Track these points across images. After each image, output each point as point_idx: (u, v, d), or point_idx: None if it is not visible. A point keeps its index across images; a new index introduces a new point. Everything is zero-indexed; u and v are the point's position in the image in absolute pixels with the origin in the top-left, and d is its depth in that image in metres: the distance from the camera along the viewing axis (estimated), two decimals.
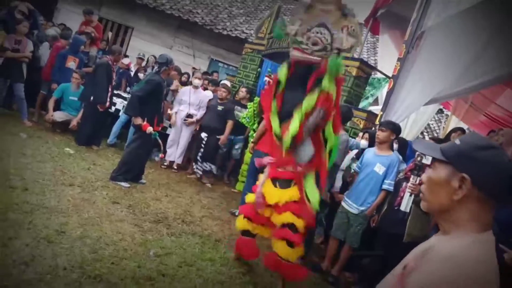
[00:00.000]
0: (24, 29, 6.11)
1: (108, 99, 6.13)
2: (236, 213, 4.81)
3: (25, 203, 3.41)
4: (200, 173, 6.13)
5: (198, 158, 6.11)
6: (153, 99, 4.94)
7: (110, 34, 10.67)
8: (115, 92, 6.67)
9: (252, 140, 5.10)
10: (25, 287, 2.27)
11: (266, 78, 6.09)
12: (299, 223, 2.97)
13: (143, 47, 9.94)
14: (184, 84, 7.14)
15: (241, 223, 3.43)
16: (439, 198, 1.04)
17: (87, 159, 5.41)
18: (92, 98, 5.98)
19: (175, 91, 6.74)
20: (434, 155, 1.08)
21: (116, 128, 6.62)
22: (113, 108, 6.61)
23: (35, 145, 5.24)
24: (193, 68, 9.36)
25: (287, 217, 2.99)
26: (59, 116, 6.36)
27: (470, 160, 1.00)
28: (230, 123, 6.04)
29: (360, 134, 4.80)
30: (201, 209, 4.83)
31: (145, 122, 4.89)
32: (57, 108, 6.41)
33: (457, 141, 1.06)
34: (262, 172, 4.65)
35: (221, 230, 4.30)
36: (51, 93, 6.43)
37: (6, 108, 6.52)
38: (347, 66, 5.71)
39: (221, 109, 6.12)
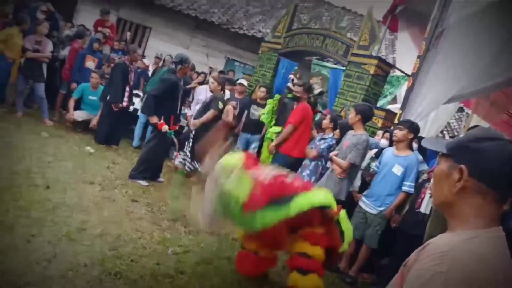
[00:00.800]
0: (44, 30, 6.24)
1: (126, 99, 6.22)
2: None
3: (47, 201, 3.49)
4: (187, 169, 5.78)
5: (188, 153, 5.81)
6: (168, 98, 4.98)
7: (128, 34, 10.80)
8: (134, 92, 6.75)
9: (275, 141, 5.04)
10: (47, 284, 2.32)
11: (291, 76, 6.09)
12: (314, 251, 2.72)
13: (160, 47, 10.02)
14: (201, 84, 7.18)
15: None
16: (442, 191, 1.03)
17: (107, 158, 5.50)
18: (108, 97, 6.08)
19: (193, 89, 6.78)
20: (437, 148, 1.08)
21: (138, 130, 6.70)
22: (131, 108, 6.70)
23: (56, 144, 5.35)
24: (210, 67, 9.40)
25: (301, 246, 2.75)
26: (79, 115, 6.48)
27: (468, 151, 0.99)
28: (210, 112, 5.89)
29: (379, 133, 4.74)
30: None
31: (161, 121, 4.93)
32: (77, 107, 6.53)
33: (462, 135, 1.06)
34: None
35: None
36: (71, 93, 6.55)
37: (28, 108, 6.67)
38: (365, 64, 5.65)
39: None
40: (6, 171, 3.85)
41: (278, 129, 5.35)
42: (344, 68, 6.19)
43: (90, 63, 6.78)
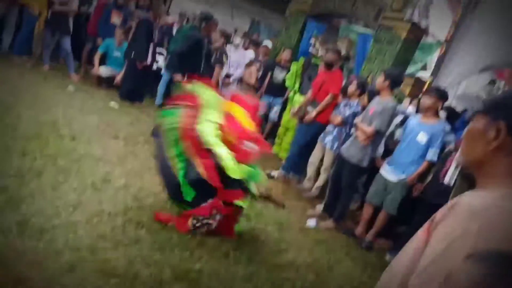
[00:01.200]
0: None
1: (150, 57, 6.20)
2: (274, 175, 4.84)
3: (73, 151, 3.58)
4: None
5: None
6: (193, 56, 4.94)
7: None
8: (158, 50, 6.71)
9: (314, 111, 4.75)
10: (73, 228, 2.41)
11: (313, 40, 5.93)
12: None
13: (185, 5, 9.88)
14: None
15: None
16: (475, 149, 0.99)
17: (130, 115, 5.56)
18: (132, 54, 6.07)
19: (218, 49, 6.69)
20: (474, 105, 1.02)
21: (161, 88, 6.69)
22: (155, 66, 6.69)
23: (81, 98, 5.43)
24: (235, 28, 9.23)
25: None
26: (104, 71, 6.52)
27: (506, 107, 0.94)
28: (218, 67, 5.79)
29: (407, 100, 4.61)
30: None
31: (185, 79, 4.92)
32: (103, 63, 6.56)
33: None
34: (312, 143, 4.63)
35: (257, 189, 4.34)
36: (97, 48, 6.57)
37: (54, 62, 6.74)
38: (396, 28, 5.42)
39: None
40: (34, 121, 3.94)
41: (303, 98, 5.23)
42: (373, 32, 5.96)
43: (116, 19, 6.72)
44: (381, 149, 4.16)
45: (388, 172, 3.79)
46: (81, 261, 2.13)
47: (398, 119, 4.20)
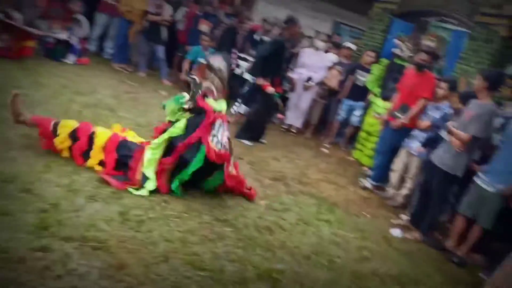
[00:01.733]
0: None
1: (234, 62, 6.43)
2: (367, 186, 4.72)
3: None
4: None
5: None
6: (275, 59, 5.03)
7: None
8: (240, 54, 6.95)
9: (405, 117, 4.44)
10: (166, 221, 2.60)
11: (397, 41, 5.68)
12: None
13: (268, 11, 10.06)
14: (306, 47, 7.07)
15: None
16: None
17: None
18: None
19: (298, 54, 6.73)
20: None
21: (245, 92, 6.93)
22: (238, 71, 6.92)
23: None
24: (316, 31, 9.17)
25: None
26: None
27: None
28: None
29: (509, 104, 4.20)
30: (317, 172, 4.87)
31: (266, 82, 5.02)
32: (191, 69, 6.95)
33: None
34: (397, 149, 4.46)
35: (337, 194, 4.29)
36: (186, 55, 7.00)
37: (149, 68, 7.31)
38: (495, 25, 4.97)
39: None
40: (132, 122, 4.32)
41: (388, 104, 5.02)
42: (467, 30, 5.54)
43: (204, 26, 7.08)
44: (476, 154, 3.84)
45: (484, 181, 3.48)
46: (173, 253, 2.30)
47: (497, 122, 3.82)
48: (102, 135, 3.00)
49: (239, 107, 5.98)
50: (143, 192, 2.86)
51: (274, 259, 2.62)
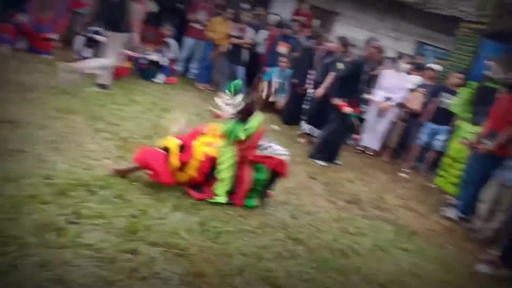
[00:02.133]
0: (247, 18, 7.01)
1: (311, 82, 6.46)
2: (451, 216, 4.43)
3: None
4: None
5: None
6: (352, 80, 4.98)
7: (316, 21, 11.13)
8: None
9: (494, 144, 4.13)
10: (241, 235, 2.68)
11: (490, 63, 5.31)
12: None
13: (347, 32, 10.00)
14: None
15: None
16: None
17: (290, 137, 5.89)
18: (292, 80, 6.47)
19: (377, 75, 6.59)
20: None
21: (311, 110, 6.95)
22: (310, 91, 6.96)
23: None
24: (398, 52, 8.91)
25: None
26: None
27: None
28: (331, 76, 5.46)
29: None
30: (395, 198, 4.66)
31: (343, 103, 4.97)
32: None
33: None
34: (486, 178, 4.13)
35: (417, 222, 4.06)
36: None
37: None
38: None
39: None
40: None
41: (477, 128, 4.68)
42: None
43: (283, 48, 7.26)
44: None
45: None
46: (247, 266, 2.36)
47: None
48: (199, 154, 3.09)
49: (305, 126, 6.00)
50: (220, 199, 3.00)
51: (347, 284, 2.55)
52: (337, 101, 4.99)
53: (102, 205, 2.45)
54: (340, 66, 5.43)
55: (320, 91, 5.55)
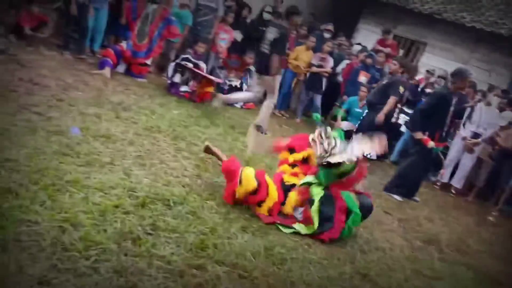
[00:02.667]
0: (328, 48, 7.06)
1: (395, 114, 6.24)
2: None
3: None
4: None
5: None
6: (436, 113, 4.70)
7: (401, 51, 10.81)
8: (400, 107, 6.74)
9: None
10: (306, 263, 2.63)
11: None
12: None
13: (434, 63, 9.57)
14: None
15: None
16: None
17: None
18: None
19: (465, 109, 6.17)
20: None
21: (400, 145, 6.68)
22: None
23: None
24: (490, 84, 8.27)
25: None
26: (345, 125, 6.97)
27: None
28: (391, 100, 5.23)
29: None
30: (479, 242, 4.26)
31: (425, 137, 4.70)
32: (345, 118, 7.05)
33: None
34: None
35: (502, 272, 3.65)
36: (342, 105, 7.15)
37: (305, 115, 7.68)
38: None
39: None
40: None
41: None
42: None
43: (363, 78, 7.17)
44: None
45: None
46: None
47: None
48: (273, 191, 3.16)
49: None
50: (289, 230, 2.98)
51: None
52: (418, 135, 4.74)
53: (177, 219, 2.58)
54: (402, 89, 5.28)
55: (381, 117, 5.39)
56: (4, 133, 2.84)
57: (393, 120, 6.27)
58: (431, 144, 4.69)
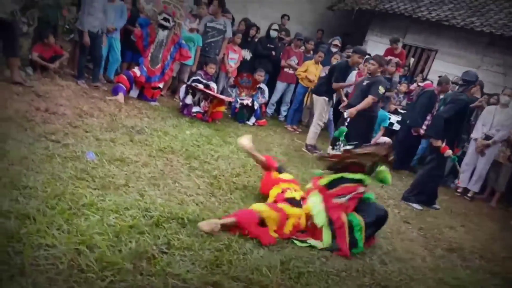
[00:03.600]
0: (336, 61, 7.07)
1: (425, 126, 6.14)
2: None
3: None
4: None
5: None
6: (456, 120, 4.63)
7: (412, 60, 10.75)
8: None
9: None
10: (324, 277, 2.58)
11: None
12: None
13: (446, 69, 9.47)
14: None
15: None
16: None
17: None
18: (408, 121, 6.23)
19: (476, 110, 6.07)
20: None
21: (419, 153, 6.61)
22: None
23: None
24: (504, 87, 8.12)
25: None
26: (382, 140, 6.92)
27: None
28: (369, 98, 5.12)
29: None
30: (505, 248, 4.14)
31: (444, 144, 4.62)
32: None
33: None
34: None
35: None
36: None
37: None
38: None
39: None
40: (297, 178, 4.54)
41: None
42: None
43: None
44: None
45: None
46: None
47: None
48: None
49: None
50: (305, 244, 2.95)
51: None
52: (437, 142, 4.63)
53: (191, 237, 2.58)
54: (382, 90, 5.17)
55: (352, 111, 5.25)
56: (23, 161, 2.91)
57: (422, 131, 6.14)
58: (448, 152, 4.60)
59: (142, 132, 4.44)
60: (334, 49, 7.71)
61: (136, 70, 5.90)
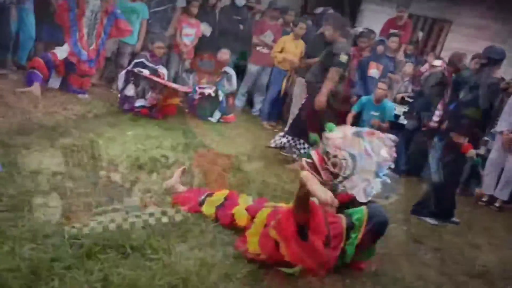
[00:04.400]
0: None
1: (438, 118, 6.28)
2: None
3: None
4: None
5: None
6: (488, 111, 4.76)
7: (420, 34, 11.00)
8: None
9: None
10: None
11: None
12: None
13: (463, 45, 9.75)
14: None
15: None
16: None
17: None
18: (415, 113, 6.38)
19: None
20: None
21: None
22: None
23: None
24: None
25: None
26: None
27: None
28: (332, 71, 5.28)
29: None
30: None
31: (466, 142, 4.70)
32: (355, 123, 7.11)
33: None
34: None
35: None
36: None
37: None
38: None
39: None
40: (279, 188, 4.60)
41: None
42: None
43: (374, 71, 7.23)
44: None
45: None
46: None
47: None
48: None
49: None
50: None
51: None
52: (459, 138, 4.68)
53: (135, 271, 2.56)
54: (344, 58, 5.21)
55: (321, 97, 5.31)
56: None
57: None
58: (472, 152, 4.71)
59: (67, 135, 4.40)
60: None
61: (57, 52, 5.78)
